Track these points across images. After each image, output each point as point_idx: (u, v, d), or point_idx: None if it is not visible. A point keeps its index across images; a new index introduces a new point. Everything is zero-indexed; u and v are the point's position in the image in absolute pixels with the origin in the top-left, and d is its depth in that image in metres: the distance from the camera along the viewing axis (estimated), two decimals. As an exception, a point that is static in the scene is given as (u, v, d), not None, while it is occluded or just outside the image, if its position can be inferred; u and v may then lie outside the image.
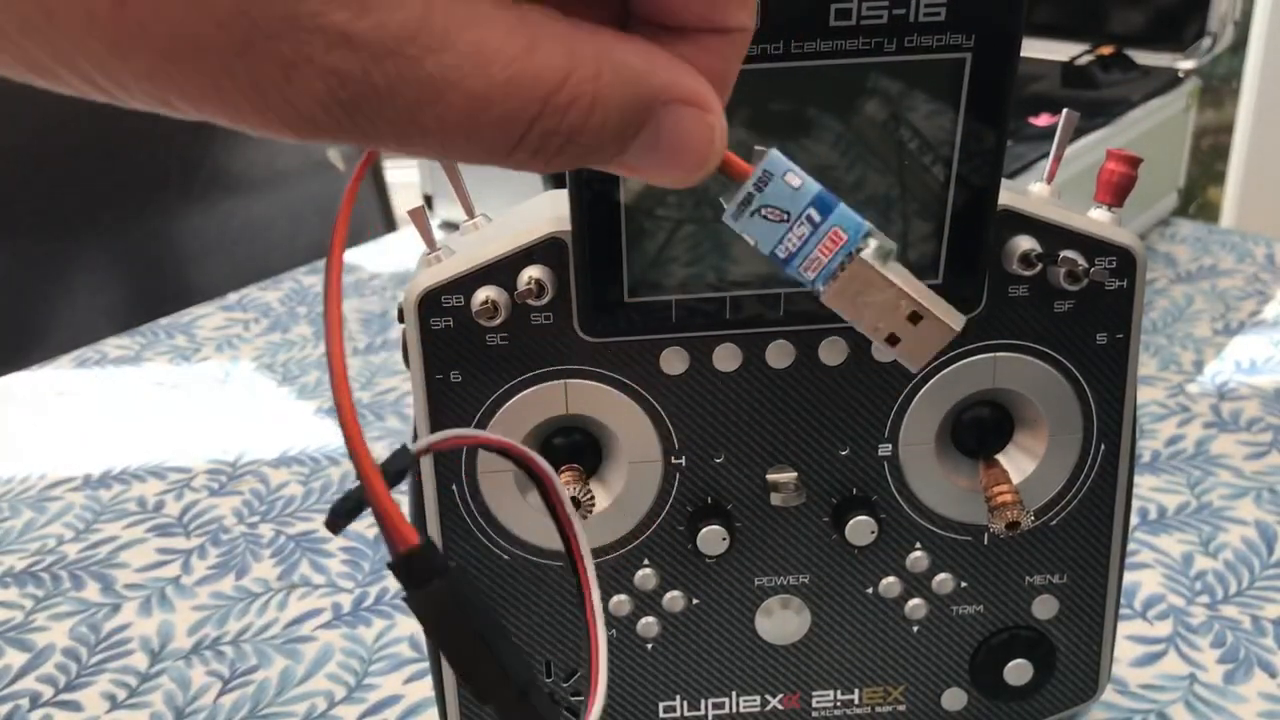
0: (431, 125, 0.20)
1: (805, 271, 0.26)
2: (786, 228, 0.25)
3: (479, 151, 0.21)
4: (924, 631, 0.43)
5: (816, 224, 0.25)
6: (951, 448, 0.40)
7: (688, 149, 0.23)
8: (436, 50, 0.20)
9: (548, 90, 0.21)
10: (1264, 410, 0.69)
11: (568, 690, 0.42)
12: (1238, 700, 0.48)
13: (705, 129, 0.23)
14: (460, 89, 0.20)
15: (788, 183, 0.25)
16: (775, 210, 0.25)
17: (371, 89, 0.20)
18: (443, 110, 0.20)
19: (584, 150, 0.22)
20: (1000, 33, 0.33)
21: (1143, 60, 0.91)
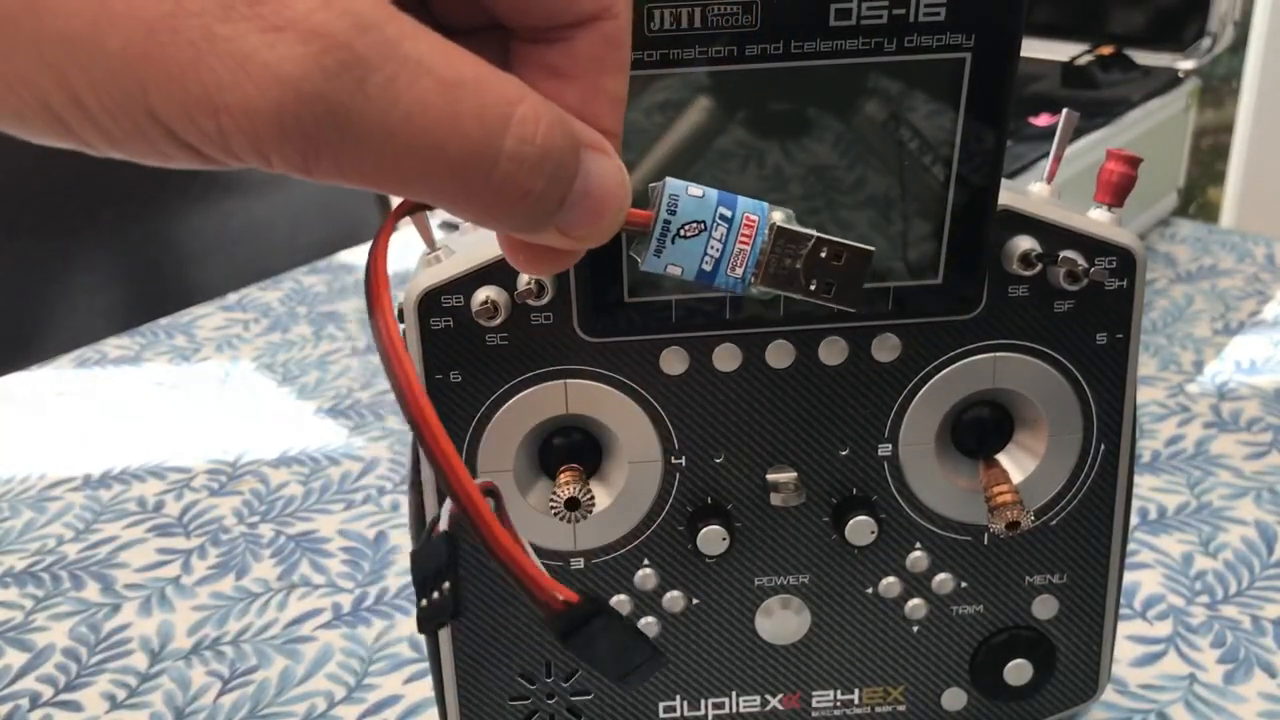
0: (414, 108, 0.21)
1: (732, 272, 0.27)
2: (706, 236, 0.26)
3: (462, 159, 0.21)
4: (924, 631, 0.43)
5: (729, 218, 0.26)
6: (951, 448, 0.40)
7: (611, 194, 0.24)
8: (411, 38, 0.21)
9: (512, 99, 0.22)
10: (1264, 410, 0.69)
11: (568, 690, 0.42)
12: (1238, 700, 0.48)
13: (618, 170, 0.25)
14: (434, 73, 0.21)
15: (692, 196, 0.26)
16: (692, 225, 0.26)
17: (354, 56, 0.20)
18: (421, 92, 0.21)
19: (552, 176, 0.23)
20: (1000, 33, 0.33)
21: (1143, 60, 0.91)
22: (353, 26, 0.20)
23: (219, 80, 0.19)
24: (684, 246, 0.26)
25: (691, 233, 0.26)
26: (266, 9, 0.19)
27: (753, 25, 0.32)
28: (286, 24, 0.19)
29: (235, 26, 0.19)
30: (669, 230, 0.26)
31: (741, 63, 0.33)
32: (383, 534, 0.61)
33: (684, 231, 0.26)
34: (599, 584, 0.41)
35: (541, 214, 0.23)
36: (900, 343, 0.38)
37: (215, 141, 0.20)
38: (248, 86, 0.19)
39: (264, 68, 0.19)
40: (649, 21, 0.32)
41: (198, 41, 0.19)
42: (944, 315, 0.38)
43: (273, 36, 0.19)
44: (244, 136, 0.20)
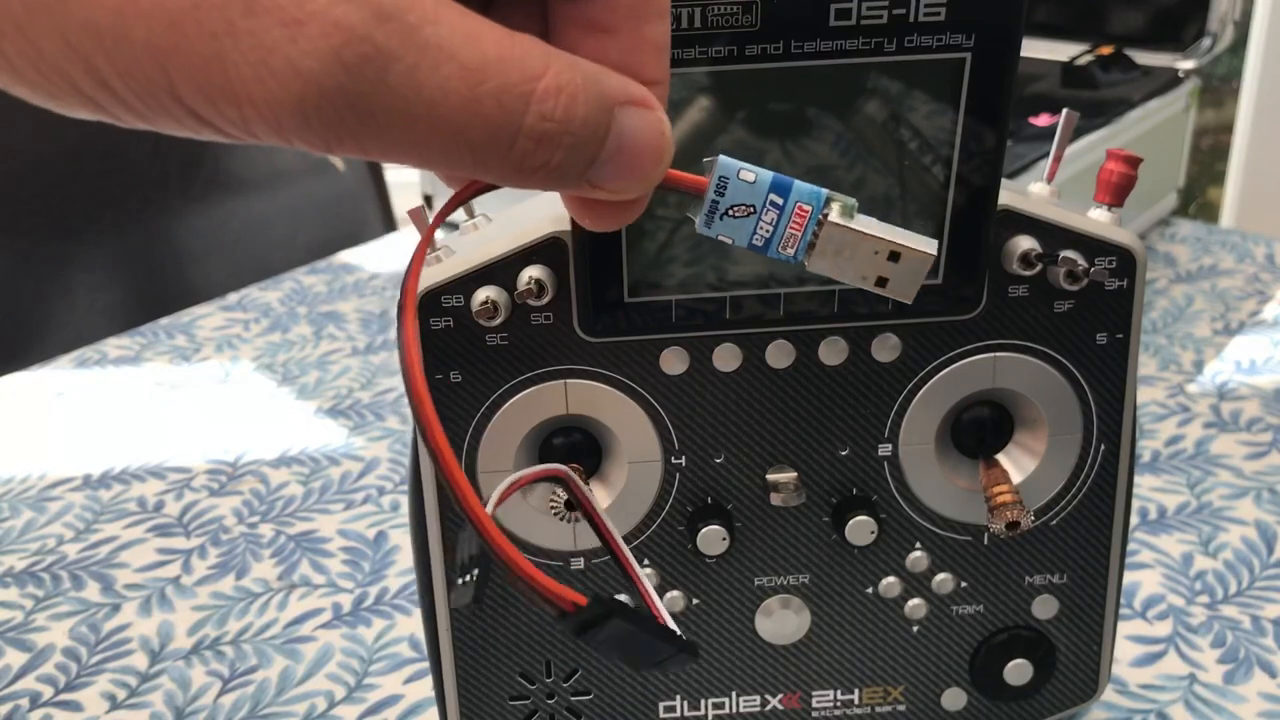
0: (436, 95, 0.21)
1: (784, 250, 0.27)
2: (755, 218, 0.27)
3: (483, 137, 0.22)
4: (924, 631, 0.43)
5: (780, 206, 0.27)
6: (951, 448, 0.40)
7: (646, 149, 0.24)
8: (432, 22, 0.21)
9: (535, 74, 0.22)
10: (1264, 410, 0.69)
11: (568, 690, 0.42)
12: (1237, 700, 0.48)
13: (657, 124, 0.24)
14: (456, 59, 0.21)
15: (743, 180, 0.26)
16: (741, 207, 0.27)
17: (375, 49, 0.20)
18: (443, 79, 0.21)
19: (575, 146, 0.23)
20: (1000, 33, 0.33)
21: (1143, 60, 0.91)
22: (373, 16, 0.20)
23: (242, 74, 0.20)
24: (734, 224, 0.27)
25: (740, 214, 0.27)
26: (289, 1, 0.19)
27: (753, 25, 0.32)
28: (308, 17, 0.19)
29: (258, 20, 0.19)
30: (717, 208, 0.27)
31: (741, 63, 0.33)
32: (383, 534, 0.61)
33: (732, 212, 0.27)
34: (599, 584, 0.41)
35: (564, 177, 0.23)
36: (900, 343, 0.38)
37: (239, 126, 0.20)
38: (270, 81, 0.20)
39: (286, 62, 0.20)
40: (649, 21, 0.32)
41: (220, 35, 0.19)
42: (944, 315, 0.38)
43: (294, 30, 0.19)
44: (267, 125, 0.20)
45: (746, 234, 0.27)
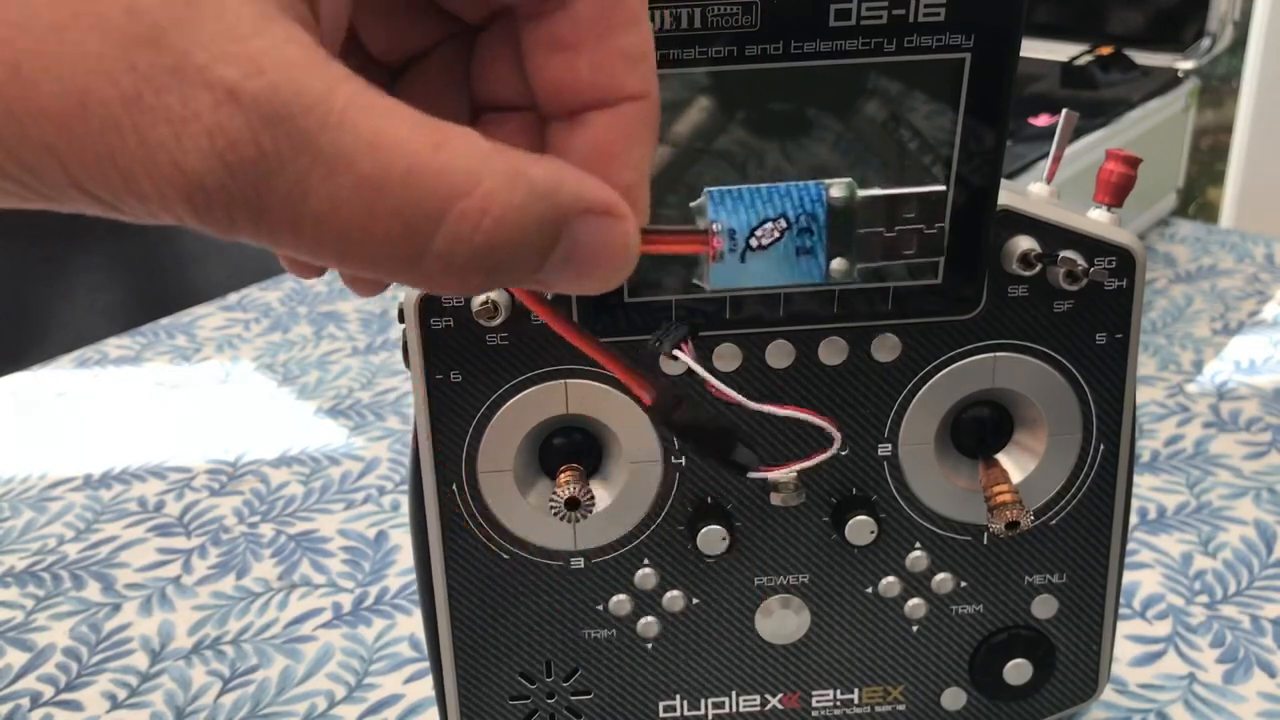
0: (324, 208, 0.20)
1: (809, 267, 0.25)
2: (796, 244, 0.25)
3: (381, 253, 0.20)
4: (924, 631, 0.43)
5: (812, 215, 0.25)
6: (951, 448, 0.40)
7: (603, 257, 0.23)
8: (332, 128, 0.19)
9: (454, 193, 0.20)
10: (1263, 410, 0.69)
11: (568, 690, 0.42)
12: (1237, 700, 0.48)
13: (620, 235, 0.23)
14: (353, 170, 0.19)
15: (731, 201, 0.25)
16: (772, 229, 0.25)
17: (259, 153, 0.19)
18: (334, 190, 0.19)
19: (500, 266, 0.21)
20: (1000, 33, 0.33)
21: (1142, 60, 0.91)
22: (261, 119, 0.19)
23: (133, 169, 0.19)
24: (761, 263, 0.25)
25: (765, 238, 0.25)
26: (174, 99, 0.19)
27: (753, 25, 0.32)
28: (192, 116, 0.19)
29: (144, 117, 0.19)
30: (736, 246, 0.25)
31: (741, 63, 0.33)
32: (383, 534, 0.61)
33: (758, 238, 0.25)
34: (599, 584, 0.41)
35: (491, 285, 0.22)
36: (900, 343, 0.38)
37: (145, 213, 0.20)
38: (158, 177, 0.19)
39: (170, 160, 0.19)
40: (649, 22, 0.32)
41: (108, 131, 0.19)
42: (944, 315, 0.38)
43: (179, 129, 0.19)
44: (167, 214, 0.20)
45: (795, 266, 0.25)
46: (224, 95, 0.19)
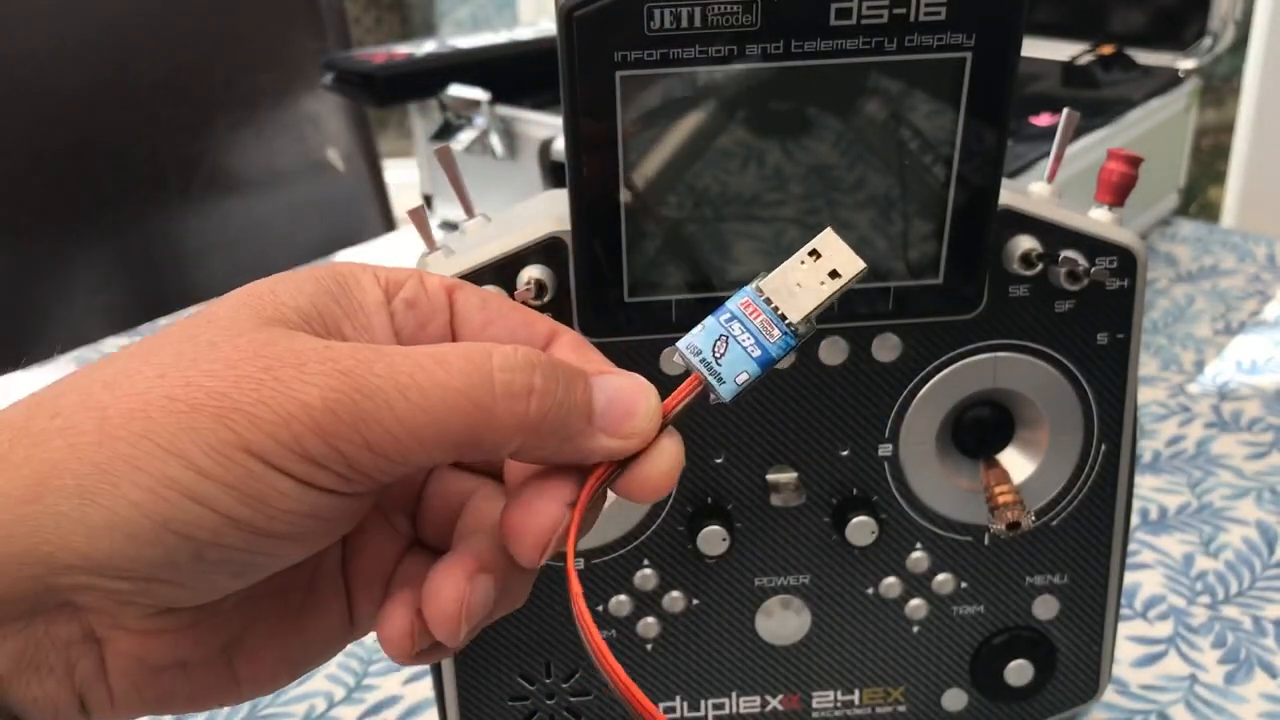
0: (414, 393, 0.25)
1: (770, 339, 0.28)
2: (737, 341, 0.28)
3: (466, 390, 0.25)
4: (924, 632, 0.42)
5: (731, 317, 0.28)
6: (952, 448, 0.40)
7: (632, 393, 0.27)
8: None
9: (489, 348, 0.26)
10: (1265, 410, 0.69)
11: (568, 690, 0.42)
12: (1238, 701, 0.48)
13: (629, 379, 0.28)
14: (417, 362, 0.25)
15: (699, 332, 0.28)
16: (721, 343, 0.28)
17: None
18: (411, 382, 0.25)
19: (547, 375, 0.26)
20: (1000, 33, 0.33)
21: (1143, 60, 0.91)
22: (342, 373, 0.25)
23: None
24: (730, 360, 0.28)
25: (721, 350, 0.28)
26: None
27: (753, 25, 0.32)
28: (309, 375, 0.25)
29: (282, 371, 0.25)
30: (710, 365, 0.28)
31: (741, 62, 0.33)
32: (382, 534, 0.61)
33: (717, 351, 0.28)
34: (599, 584, 0.41)
35: (569, 417, 0.26)
36: (900, 343, 0.38)
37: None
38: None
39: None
40: (649, 21, 0.32)
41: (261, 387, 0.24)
42: (944, 315, 0.38)
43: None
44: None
45: (748, 354, 0.28)
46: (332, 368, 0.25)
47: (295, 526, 0.25)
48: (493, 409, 0.25)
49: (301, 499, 0.24)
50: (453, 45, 0.96)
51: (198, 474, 0.23)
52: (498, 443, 0.26)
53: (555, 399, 0.26)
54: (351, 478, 0.25)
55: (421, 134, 0.94)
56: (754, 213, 0.35)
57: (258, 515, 0.24)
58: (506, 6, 2.53)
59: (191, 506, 0.23)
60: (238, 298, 0.27)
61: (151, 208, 1.06)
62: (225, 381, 0.24)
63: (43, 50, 0.98)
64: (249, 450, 0.23)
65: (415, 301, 0.29)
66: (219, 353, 0.25)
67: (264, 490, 0.24)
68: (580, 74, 0.32)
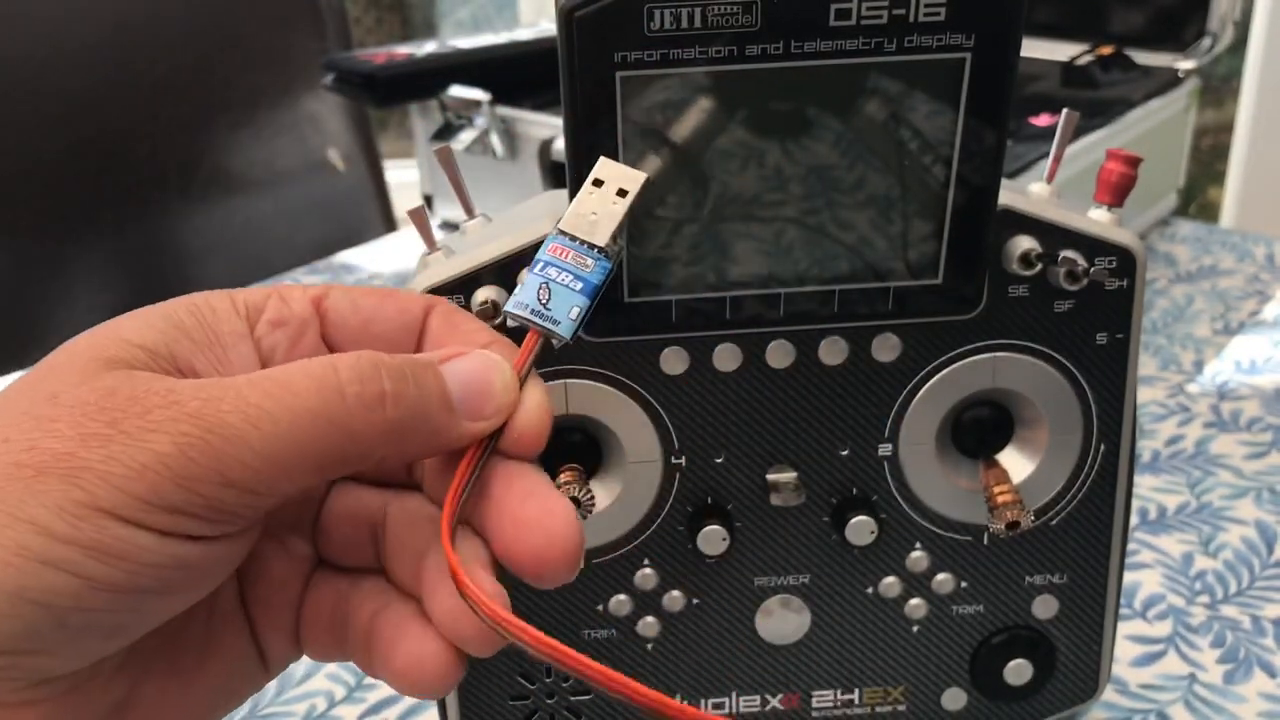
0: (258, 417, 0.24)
1: (584, 266, 0.30)
2: (557, 284, 0.30)
3: (317, 408, 0.25)
4: (924, 631, 0.43)
5: (544, 265, 0.30)
6: (951, 448, 0.40)
7: (483, 374, 0.28)
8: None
9: (330, 360, 0.26)
10: (1264, 410, 0.69)
11: (568, 690, 0.42)
12: (1238, 700, 0.48)
13: (479, 357, 0.28)
14: (245, 393, 0.25)
15: (519, 290, 0.30)
16: (543, 290, 0.30)
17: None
18: (245, 408, 0.25)
19: (399, 374, 0.26)
20: (1000, 33, 0.33)
21: (1143, 60, 0.91)
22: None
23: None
24: (558, 301, 0.29)
25: (545, 296, 0.30)
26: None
27: (753, 25, 0.32)
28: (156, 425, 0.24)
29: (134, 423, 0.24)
30: (540, 313, 0.29)
31: (741, 63, 0.33)
32: (383, 534, 0.61)
33: (541, 298, 0.29)
34: (599, 584, 0.41)
35: (428, 412, 0.27)
36: (900, 343, 0.38)
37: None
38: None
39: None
40: (649, 21, 0.32)
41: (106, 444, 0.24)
42: (944, 315, 0.38)
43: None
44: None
45: (572, 290, 0.29)
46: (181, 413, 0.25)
47: (162, 580, 0.24)
48: (349, 424, 0.25)
49: (164, 550, 0.24)
50: (453, 46, 0.96)
51: (50, 538, 0.22)
52: (362, 454, 0.26)
53: (409, 400, 0.26)
54: (216, 519, 0.24)
55: (422, 134, 0.94)
56: (754, 213, 0.35)
57: (119, 574, 0.23)
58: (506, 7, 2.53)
59: (46, 572, 0.22)
60: (81, 340, 0.26)
61: (152, 208, 1.06)
62: (71, 441, 0.23)
63: (43, 51, 0.98)
64: (101, 509, 0.23)
65: (281, 320, 0.29)
66: (60, 409, 0.24)
67: (122, 547, 0.23)
68: (580, 74, 0.32)
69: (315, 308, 0.29)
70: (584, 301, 0.29)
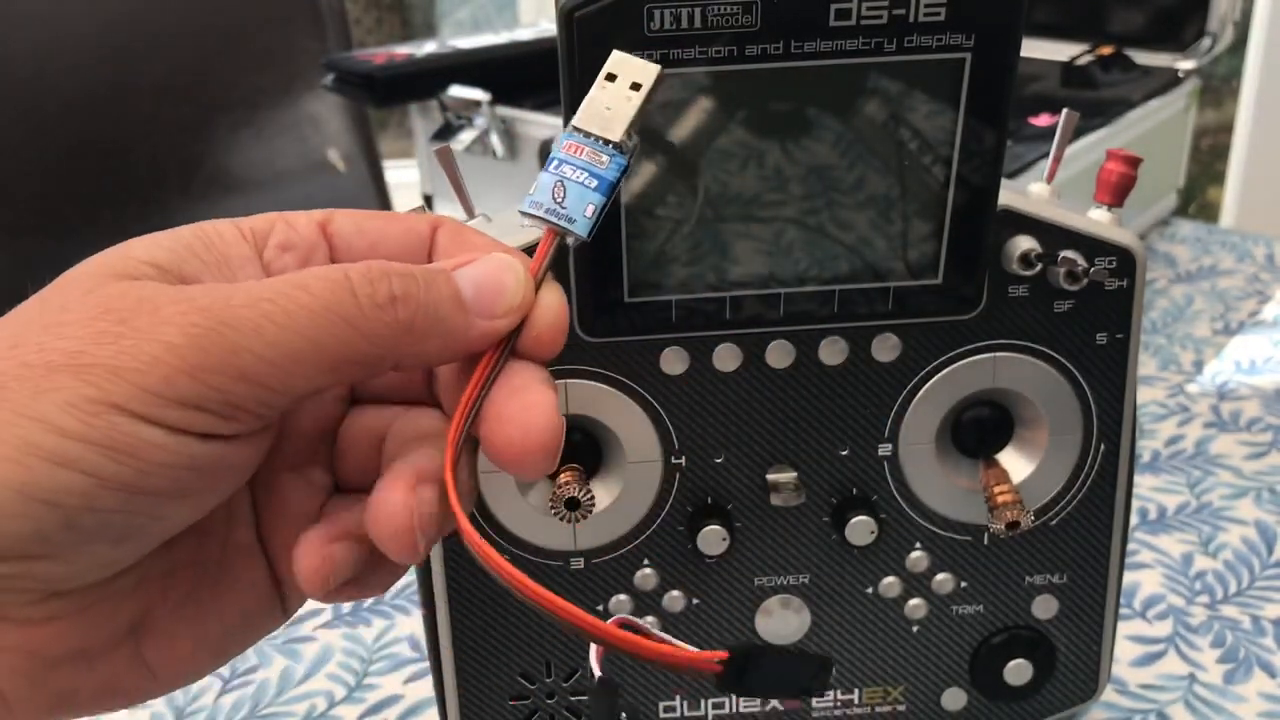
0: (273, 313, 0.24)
1: (600, 163, 0.29)
2: (573, 182, 0.29)
3: (328, 305, 0.25)
4: (924, 631, 0.43)
5: (558, 163, 0.29)
6: (951, 448, 0.40)
7: (497, 275, 0.27)
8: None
9: (343, 266, 0.26)
10: (1264, 410, 0.69)
11: (568, 690, 0.42)
12: (1237, 700, 0.48)
13: (496, 259, 0.28)
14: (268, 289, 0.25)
15: (534, 191, 0.29)
16: (558, 188, 0.29)
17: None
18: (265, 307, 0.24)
19: (406, 279, 0.26)
20: (1000, 33, 0.33)
21: (1143, 60, 0.91)
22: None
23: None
24: (573, 198, 0.28)
25: (561, 194, 0.29)
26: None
27: (753, 25, 0.32)
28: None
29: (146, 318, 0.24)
30: (556, 212, 0.29)
31: (741, 63, 0.33)
32: (383, 534, 0.61)
33: (557, 196, 0.28)
34: (599, 584, 0.41)
35: (441, 312, 0.26)
36: (900, 343, 0.38)
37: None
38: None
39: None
40: (649, 21, 0.32)
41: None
42: (944, 315, 0.38)
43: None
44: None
45: (588, 187, 0.28)
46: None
47: (174, 481, 0.23)
48: (360, 322, 0.25)
49: (177, 449, 0.23)
50: (453, 46, 0.96)
51: (59, 435, 0.22)
52: (378, 354, 0.25)
53: (419, 300, 0.26)
54: (229, 415, 0.24)
55: (422, 134, 0.94)
56: (754, 213, 0.35)
57: (129, 471, 0.23)
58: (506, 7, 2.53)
59: (55, 470, 0.22)
60: (91, 260, 0.26)
61: (152, 208, 1.06)
62: (80, 340, 0.23)
63: (44, 51, 0.98)
64: (112, 404, 0.22)
65: (288, 244, 0.28)
66: (70, 314, 0.24)
67: (134, 444, 0.22)
68: (580, 74, 0.32)
69: (321, 232, 0.29)
70: (600, 199, 0.28)
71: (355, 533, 0.28)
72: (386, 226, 0.29)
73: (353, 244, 0.29)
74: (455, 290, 0.27)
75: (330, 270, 0.25)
